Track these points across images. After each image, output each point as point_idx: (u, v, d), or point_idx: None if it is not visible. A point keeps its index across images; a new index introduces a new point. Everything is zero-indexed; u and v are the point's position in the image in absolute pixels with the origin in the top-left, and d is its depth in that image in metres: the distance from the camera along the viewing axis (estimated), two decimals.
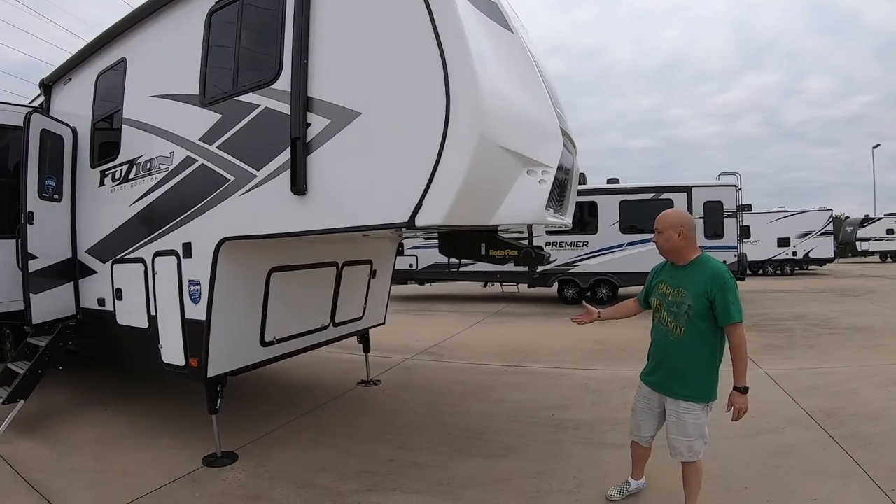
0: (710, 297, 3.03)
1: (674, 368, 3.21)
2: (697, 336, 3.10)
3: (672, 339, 3.20)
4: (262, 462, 4.55)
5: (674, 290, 3.21)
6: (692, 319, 3.08)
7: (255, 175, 3.81)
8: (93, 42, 5.36)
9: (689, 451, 3.18)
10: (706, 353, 3.11)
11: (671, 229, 3.23)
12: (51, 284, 5.45)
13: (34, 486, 4.17)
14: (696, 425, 3.15)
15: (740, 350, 3.02)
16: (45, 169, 5.30)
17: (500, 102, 3.13)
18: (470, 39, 2.95)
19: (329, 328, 5.81)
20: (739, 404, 3.07)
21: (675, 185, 14.40)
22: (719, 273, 3.07)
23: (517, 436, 4.98)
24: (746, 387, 3.07)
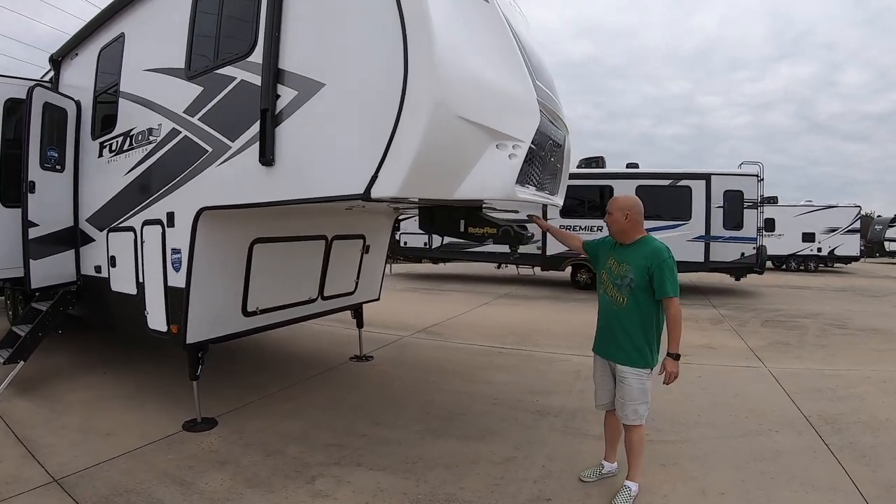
0: (649, 273, 3.34)
1: (617, 335, 3.50)
2: (637, 306, 3.41)
3: (615, 309, 3.52)
4: (240, 429, 4.68)
5: (619, 264, 3.51)
6: (633, 291, 3.41)
7: (230, 146, 3.89)
8: (96, 17, 5.53)
9: (634, 414, 3.45)
10: (645, 321, 3.41)
11: (619, 212, 3.53)
12: (51, 251, 5.67)
13: (23, 441, 4.42)
14: (640, 390, 3.44)
15: (675, 320, 3.32)
16: (48, 140, 5.50)
17: (462, 72, 3.09)
18: (431, 6, 2.92)
19: (318, 301, 5.89)
20: (671, 368, 3.36)
21: (694, 172, 14.09)
22: (659, 251, 3.39)
23: (496, 419, 4.99)
24: (678, 353, 3.36)
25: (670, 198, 14.01)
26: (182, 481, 3.76)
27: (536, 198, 4.02)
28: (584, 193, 14.83)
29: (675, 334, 3.33)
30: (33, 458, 4.12)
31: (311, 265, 5.64)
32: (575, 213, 14.76)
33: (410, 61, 2.91)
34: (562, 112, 4.62)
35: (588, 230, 14.51)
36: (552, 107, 4.18)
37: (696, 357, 7.31)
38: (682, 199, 13.89)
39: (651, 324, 3.42)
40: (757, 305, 13.04)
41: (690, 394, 5.67)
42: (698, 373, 6.49)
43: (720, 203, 13.66)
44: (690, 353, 7.47)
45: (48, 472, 3.87)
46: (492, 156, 3.33)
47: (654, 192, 14.06)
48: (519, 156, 3.45)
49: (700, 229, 13.68)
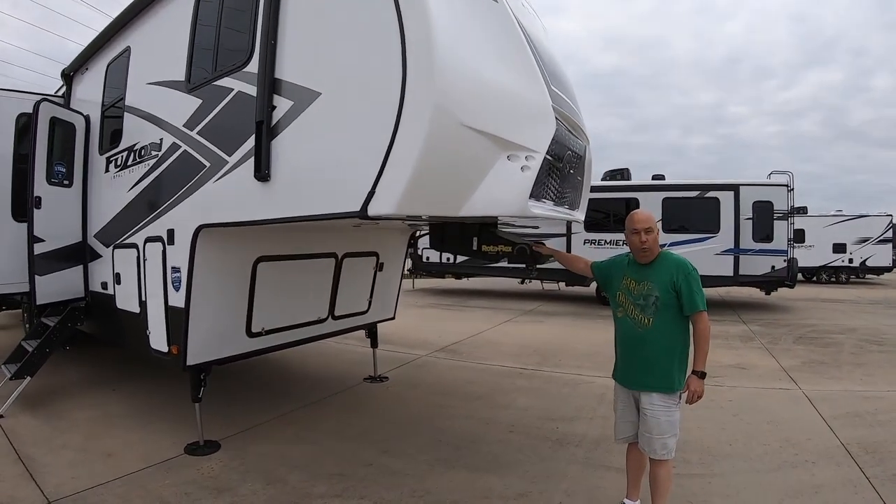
0: (675, 287, 3.13)
1: (643, 359, 3.23)
2: (664, 327, 3.17)
3: (640, 331, 3.24)
4: (242, 454, 4.49)
5: (639, 283, 3.27)
6: (659, 310, 3.17)
7: (227, 161, 3.73)
8: (104, 31, 5.50)
9: (664, 449, 3.17)
10: (673, 342, 3.19)
11: (655, 226, 3.32)
12: (57, 267, 5.61)
13: (23, 458, 4.35)
14: (669, 422, 3.17)
15: (705, 335, 3.12)
16: (56, 155, 5.46)
17: (467, 76, 2.84)
18: (432, 7, 2.70)
19: (328, 321, 5.68)
20: (695, 387, 3.13)
21: (722, 182, 13.65)
22: (683, 264, 3.20)
23: (512, 449, 4.69)
24: (704, 372, 3.14)
25: (698, 210, 13.61)
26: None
27: (555, 213, 3.74)
28: (608, 206, 14.51)
29: (704, 350, 3.14)
30: (31, 477, 4.03)
31: (320, 284, 5.44)
32: (600, 227, 14.41)
33: (409, 64, 2.69)
34: (582, 121, 4.32)
35: (613, 244, 14.16)
36: (571, 115, 3.89)
37: (728, 379, 6.93)
38: (710, 211, 13.47)
39: (679, 344, 3.20)
40: (789, 321, 12.50)
41: (722, 420, 5.31)
42: (730, 396, 6.13)
43: (749, 215, 13.20)
44: (721, 374, 7.12)
45: (43, 494, 3.76)
46: (503, 168, 3.06)
47: (680, 204, 13.70)
48: (533, 168, 3.18)
49: (729, 242, 13.23)
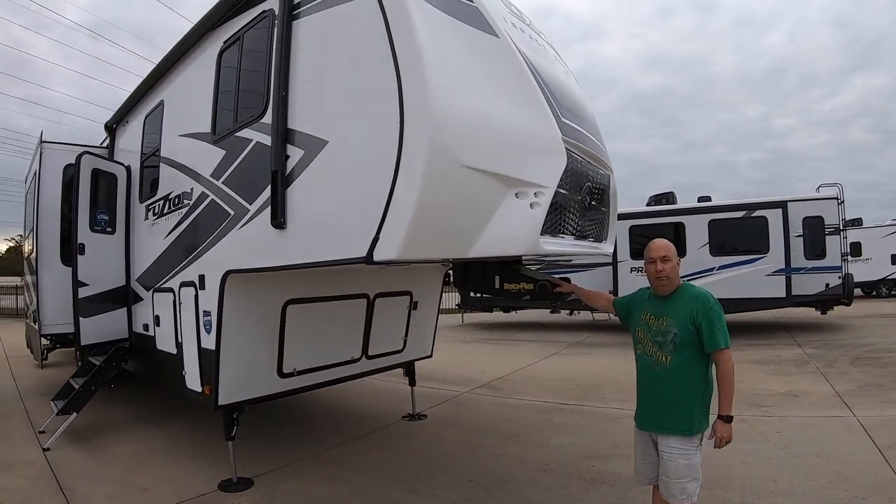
0: (695, 323, 2.95)
1: (661, 400, 3.07)
2: (683, 364, 2.99)
3: (657, 370, 3.08)
4: (273, 492, 4.56)
5: (657, 319, 3.10)
6: (678, 347, 2.99)
7: (248, 209, 3.87)
8: (140, 85, 5.84)
9: (682, 494, 2.98)
10: (693, 382, 3.00)
11: (675, 258, 3.15)
12: (100, 309, 5.92)
13: (64, 490, 4.59)
14: (688, 465, 2.97)
15: (727, 377, 2.92)
16: (98, 204, 5.79)
17: (465, 115, 2.86)
18: (425, 49, 2.75)
19: (362, 361, 5.69)
20: (722, 433, 2.95)
21: (769, 200, 13.16)
22: (703, 297, 3.02)
23: (543, 488, 4.58)
24: (731, 416, 2.95)
25: (745, 230, 13.15)
26: None
27: (575, 248, 3.69)
28: (654, 232, 14.19)
29: (728, 392, 2.92)
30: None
31: (351, 324, 5.45)
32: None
33: (405, 109, 2.74)
34: (603, 151, 4.26)
35: None
36: (588, 147, 3.81)
37: (777, 408, 6.60)
38: (758, 231, 12.98)
39: (700, 384, 3.01)
40: (846, 340, 11.85)
41: (767, 454, 5.05)
42: (778, 427, 5.83)
43: (799, 231, 12.67)
44: (770, 402, 6.82)
45: None
46: (511, 206, 3.04)
47: (727, 225, 13.27)
48: (543, 204, 3.15)
49: (779, 262, 12.69)
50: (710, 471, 4.67)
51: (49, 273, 6.86)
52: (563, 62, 4.50)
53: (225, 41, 4.39)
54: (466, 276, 4.28)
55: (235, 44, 4.23)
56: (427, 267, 5.74)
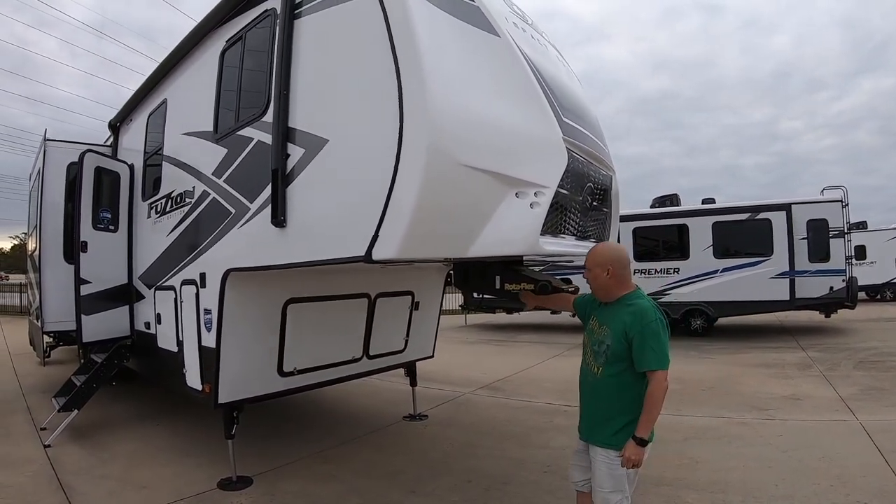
0: (627, 339, 2.76)
1: (592, 411, 2.97)
2: (613, 379, 2.83)
3: (590, 380, 2.98)
4: (272, 490, 4.56)
5: (600, 326, 2.97)
6: (609, 360, 2.84)
7: (249, 208, 3.88)
8: (144, 84, 5.86)
9: (604, 503, 2.85)
10: (622, 398, 2.82)
11: (598, 268, 2.94)
12: (102, 307, 5.93)
13: (64, 487, 4.62)
14: (610, 476, 2.82)
15: (652, 398, 2.69)
16: (101, 202, 5.81)
17: (463, 116, 2.85)
18: (424, 49, 2.75)
19: (363, 360, 5.67)
20: (629, 454, 2.71)
21: (773, 203, 13.10)
22: (641, 312, 2.78)
23: (542, 490, 4.55)
24: (646, 439, 2.72)
25: (749, 233, 13.11)
26: None
27: (576, 248, 3.67)
28: (658, 234, 14.22)
29: (650, 415, 2.70)
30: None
31: (352, 324, 5.44)
32: (651, 256, 14.08)
33: (405, 106, 2.74)
34: (605, 152, 4.26)
35: (664, 273, 13.77)
36: (590, 147, 3.82)
37: (780, 412, 6.56)
38: (762, 233, 12.94)
39: (631, 402, 2.79)
40: (850, 344, 11.81)
41: (768, 458, 5.02)
42: (780, 431, 5.80)
43: (803, 234, 12.62)
44: (773, 406, 6.78)
45: None
46: (511, 205, 3.04)
47: (731, 227, 13.23)
48: (543, 204, 3.15)
49: (783, 264, 12.65)
50: (710, 474, 4.68)
51: (52, 270, 6.89)
52: (565, 62, 4.49)
53: (227, 40, 4.40)
54: (467, 276, 4.24)
55: (238, 43, 4.24)
56: (428, 267, 5.70)
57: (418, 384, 6.89)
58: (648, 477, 4.54)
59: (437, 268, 5.92)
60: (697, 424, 6.12)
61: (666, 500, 4.20)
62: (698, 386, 8.13)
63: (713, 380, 8.41)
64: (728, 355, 10.83)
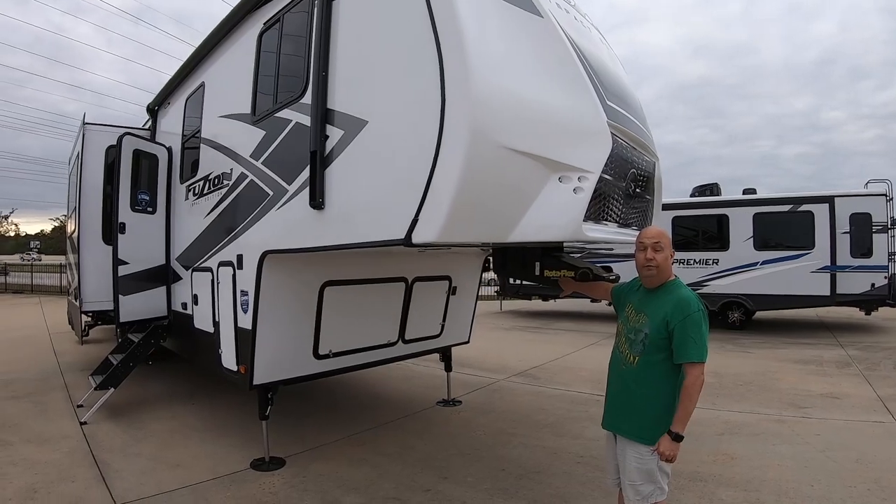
0: (668, 328, 2.70)
1: (622, 402, 2.90)
2: (649, 369, 2.77)
3: (624, 368, 2.89)
4: (304, 472, 4.61)
5: (637, 314, 2.90)
6: (646, 349, 2.77)
7: (287, 190, 3.87)
8: (182, 67, 5.90)
9: (637, 495, 2.81)
10: (657, 389, 2.76)
11: (669, 247, 2.88)
12: (140, 287, 6.03)
13: (98, 463, 4.74)
14: (639, 470, 2.78)
15: (688, 391, 2.63)
16: (139, 184, 5.89)
17: (507, 96, 2.78)
18: (466, 28, 2.68)
19: (398, 345, 5.67)
20: (664, 449, 2.67)
21: (816, 195, 12.68)
22: (685, 302, 2.72)
23: (576, 481, 4.49)
24: (682, 435, 2.67)
25: (791, 225, 12.73)
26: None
27: (618, 236, 3.56)
28: (697, 224, 13.88)
29: (686, 408, 2.65)
30: (102, 480, 4.37)
31: (389, 308, 5.42)
32: (689, 246, 13.76)
33: (447, 90, 2.68)
34: (649, 137, 4.15)
35: (703, 264, 13.48)
36: (633, 132, 3.71)
37: (817, 410, 6.38)
38: (804, 226, 12.56)
39: (665, 393, 2.75)
40: (890, 343, 11.43)
41: (805, 458, 4.88)
42: (817, 430, 5.64)
43: (846, 228, 12.21)
44: (810, 404, 6.60)
45: (111, 496, 4.07)
46: (554, 191, 2.95)
47: (772, 219, 12.85)
48: (586, 189, 3.05)
49: (825, 259, 12.27)
50: (746, 471, 4.58)
51: (90, 251, 7.02)
52: (608, 45, 4.38)
53: (265, 22, 4.39)
54: (506, 261, 4.17)
55: (275, 25, 4.23)
56: (466, 251, 5.66)
57: (453, 370, 6.88)
58: (683, 472, 4.49)
59: (475, 253, 5.87)
60: (733, 420, 5.99)
61: (700, 496, 4.12)
62: (735, 380, 7.96)
63: (750, 374, 8.23)
64: (766, 350, 10.58)
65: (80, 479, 4.39)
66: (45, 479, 4.37)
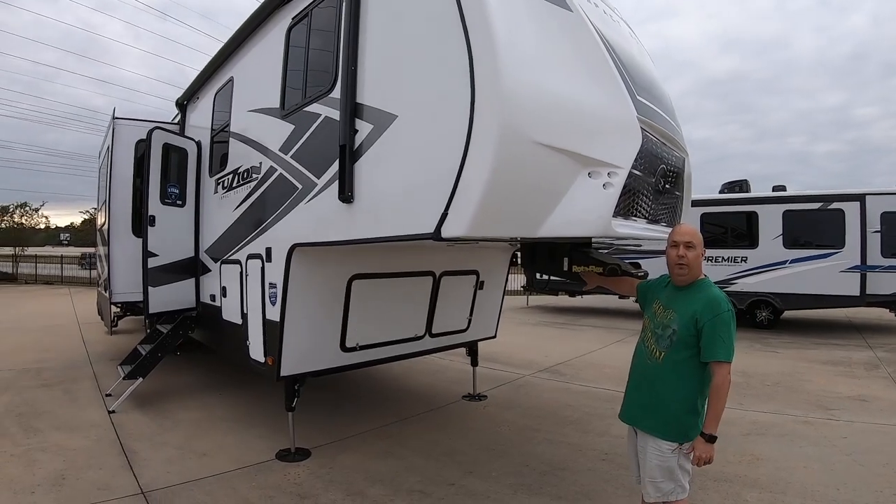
0: (697, 326, 2.70)
1: (646, 397, 2.89)
2: (675, 367, 2.76)
3: (649, 364, 2.89)
4: (329, 463, 4.66)
5: (665, 310, 2.90)
6: (673, 346, 2.77)
7: (316, 183, 3.90)
8: (210, 62, 5.98)
9: (657, 491, 2.81)
10: (683, 387, 2.76)
11: (701, 247, 2.88)
12: (169, 279, 6.14)
13: (126, 451, 4.85)
14: (659, 467, 2.78)
15: (719, 392, 2.64)
16: (169, 177, 5.98)
17: (537, 93, 2.76)
18: (496, 22, 2.66)
19: (425, 338, 5.69)
20: (700, 452, 2.67)
21: (847, 192, 12.36)
22: (714, 301, 2.72)
23: (600, 478, 4.47)
24: (715, 435, 2.67)
25: (821, 223, 12.44)
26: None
27: (647, 232, 3.54)
28: (726, 221, 13.65)
29: (716, 409, 2.64)
30: (130, 468, 4.47)
31: (416, 302, 5.45)
32: (717, 243, 13.54)
33: (476, 84, 2.67)
34: (679, 133, 4.10)
35: (731, 261, 13.26)
36: (664, 127, 3.67)
37: (845, 412, 6.25)
38: (834, 224, 12.27)
39: (690, 391, 2.74)
40: None
41: (832, 460, 4.79)
42: (845, 432, 5.52)
43: (877, 227, 11.89)
44: (838, 406, 6.47)
45: (138, 484, 4.16)
46: (583, 185, 2.93)
47: (802, 217, 12.58)
48: (616, 184, 3.02)
49: (855, 258, 11.99)
50: (772, 473, 4.52)
51: (120, 244, 7.19)
52: (637, 39, 4.33)
53: (293, 17, 4.42)
54: (534, 256, 4.15)
55: (304, 20, 4.25)
56: (494, 246, 5.63)
57: (479, 364, 6.90)
58: (708, 472, 4.42)
59: (503, 247, 5.85)
60: (760, 420, 5.91)
61: (725, 497, 4.07)
62: (762, 380, 7.84)
63: (778, 375, 8.11)
64: (794, 350, 10.39)
65: (107, 466, 4.49)
66: (74, 465, 4.48)
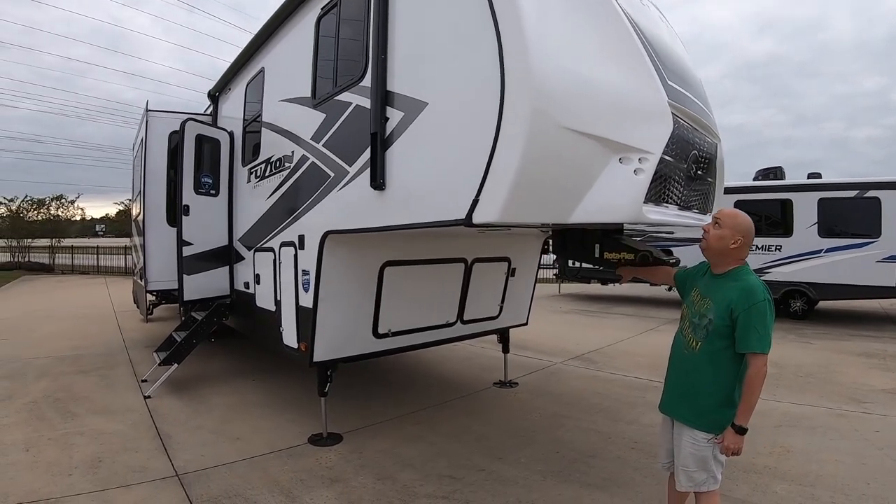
0: (733, 316, 2.62)
1: (682, 386, 2.86)
2: (711, 356, 2.71)
3: (686, 353, 2.85)
4: (361, 448, 4.73)
5: (702, 298, 2.83)
6: (710, 335, 2.71)
7: (348, 171, 3.96)
8: (241, 54, 6.07)
9: (689, 481, 2.80)
10: (719, 377, 2.71)
11: (732, 231, 2.75)
12: (203, 267, 6.29)
13: (161, 435, 4.99)
14: (694, 456, 2.76)
15: (751, 383, 2.58)
16: (202, 168, 6.11)
17: (567, 78, 2.75)
18: (524, 8, 2.67)
19: (456, 325, 5.72)
20: (729, 443, 2.63)
21: (883, 180, 11.96)
22: (750, 290, 2.62)
23: (629, 466, 4.46)
24: (746, 427, 2.62)
25: (857, 211, 12.06)
26: (289, 493, 3.88)
27: (678, 219, 3.50)
28: (760, 208, 13.29)
29: (749, 402, 2.59)
30: (165, 451, 4.60)
31: (448, 288, 5.48)
32: None
33: (506, 70, 2.68)
34: (711, 119, 4.04)
35: (765, 250, 12.97)
36: (695, 112, 3.62)
37: (879, 406, 6.10)
38: (871, 213, 11.90)
39: (726, 381, 2.70)
40: None
41: (863, 454, 4.70)
42: (878, 426, 5.40)
43: None
44: (871, 399, 6.34)
45: (173, 467, 4.28)
46: (614, 172, 2.92)
47: (837, 205, 12.21)
48: (647, 170, 3.00)
49: (891, 247, 11.62)
50: (802, 465, 4.46)
51: (155, 233, 7.37)
52: (667, 23, 4.27)
53: (323, 7, 4.47)
54: (565, 242, 4.14)
55: (333, 9, 4.30)
56: (526, 233, 5.63)
57: (510, 351, 6.92)
58: (738, 463, 4.38)
59: (534, 234, 5.83)
60: (792, 412, 5.82)
61: (754, 487, 4.03)
62: (796, 372, 7.70)
63: (811, 366, 7.96)
64: (828, 341, 10.17)
65: (143, 449, 4.63)
66: (110, 448, 4.63)
